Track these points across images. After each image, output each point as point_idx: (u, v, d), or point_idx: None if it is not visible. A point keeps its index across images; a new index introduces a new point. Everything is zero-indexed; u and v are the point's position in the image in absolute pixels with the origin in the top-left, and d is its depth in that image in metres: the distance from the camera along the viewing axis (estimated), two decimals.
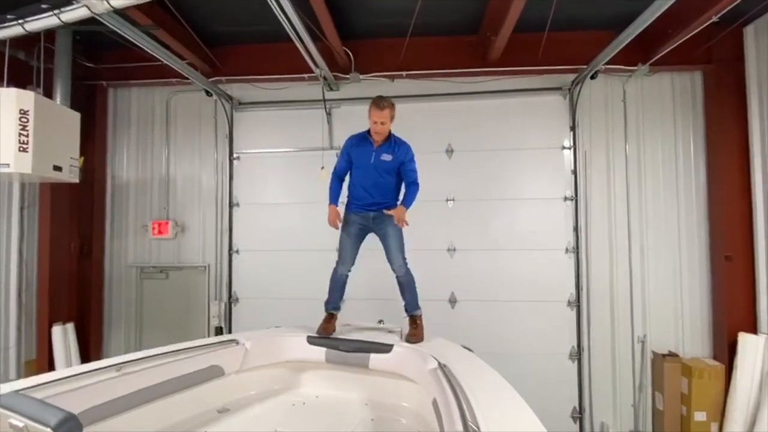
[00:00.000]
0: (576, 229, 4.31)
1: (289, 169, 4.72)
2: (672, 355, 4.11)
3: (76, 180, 3.46)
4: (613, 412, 4.23)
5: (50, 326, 4.20)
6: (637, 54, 3.99)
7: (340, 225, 2.82)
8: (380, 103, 2.65)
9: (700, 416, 3.83)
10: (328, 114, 4.60)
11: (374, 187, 2.79)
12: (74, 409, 1.75)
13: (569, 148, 4.35)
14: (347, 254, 2.84)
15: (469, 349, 2.58)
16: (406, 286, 2.85)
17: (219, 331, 4.64)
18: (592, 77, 4.08)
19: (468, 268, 4.39)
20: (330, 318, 2.81)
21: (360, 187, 2.80)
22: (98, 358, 4.67)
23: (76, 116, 3.42)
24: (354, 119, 4.59)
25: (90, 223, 4.69)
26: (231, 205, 4.74)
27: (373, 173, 2.78)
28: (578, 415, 4.23)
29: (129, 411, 1.95)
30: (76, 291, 4.54)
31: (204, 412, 2.32)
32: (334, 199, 2.85)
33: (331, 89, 4.56)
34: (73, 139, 3.36)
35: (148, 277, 4.88)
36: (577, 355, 4.25)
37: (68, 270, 4.46)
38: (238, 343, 2.57)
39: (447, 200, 4.44)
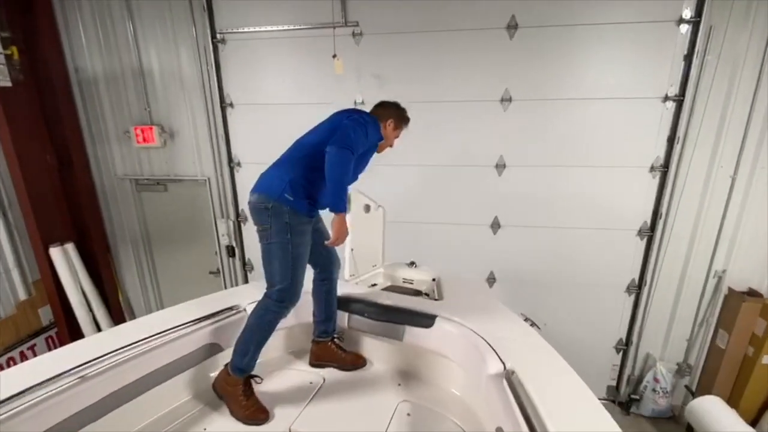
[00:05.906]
0: (671, 139, 3.26)
1: (291, 59, 3.57)
2: (754, 294, 3.47)
3: (8, 83, 2.58)
4: (663, 346, 3.82)
5: (46, 247, 3.84)
6: None
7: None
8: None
9: None
10: None
11: None
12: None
13: (689, 22, 2.99)
14: (302, 279, 1.85)
15: (536, 325, 1.96)
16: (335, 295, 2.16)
17: (231, 251, 4.22)
18: None
19: (518, 188, 3.54)
20: (250, 386, 1.81)
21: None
22: (110, 276, 4.47)
23: None
24: None
25: (61, 128, 3.90)
26: (223, 106, 3.80)
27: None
28: (623, 346, 3.86)
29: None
30: (66, 207, 4.05)
31: (206, 390, 1.92)
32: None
33: None
34: None
35: (145, 190, 4.31)
36: (637, 288, 3.66)
37: (50, 184, 3.89)
38: (239, 310, 2.03)
39: (502, 100, 3.35)
